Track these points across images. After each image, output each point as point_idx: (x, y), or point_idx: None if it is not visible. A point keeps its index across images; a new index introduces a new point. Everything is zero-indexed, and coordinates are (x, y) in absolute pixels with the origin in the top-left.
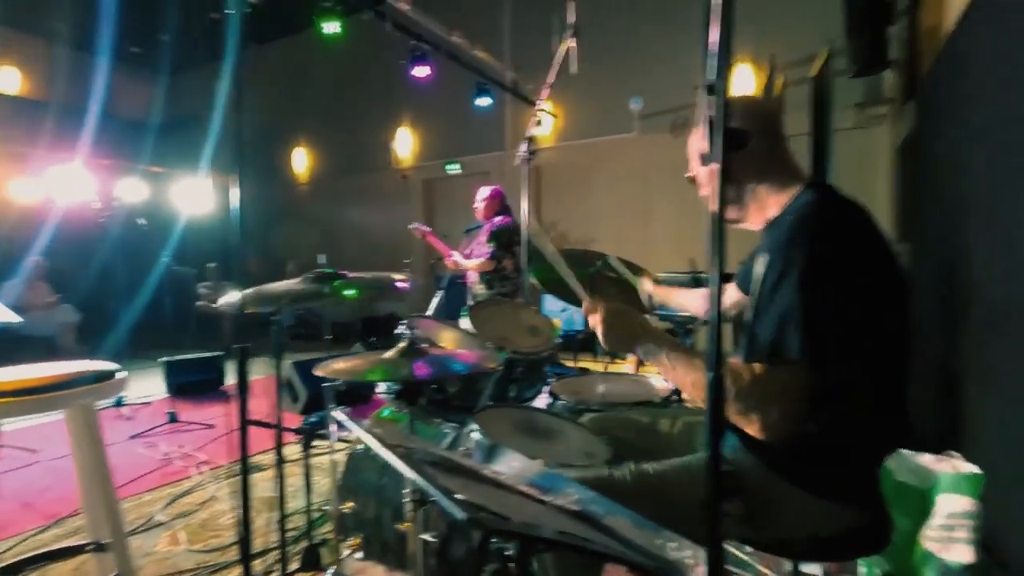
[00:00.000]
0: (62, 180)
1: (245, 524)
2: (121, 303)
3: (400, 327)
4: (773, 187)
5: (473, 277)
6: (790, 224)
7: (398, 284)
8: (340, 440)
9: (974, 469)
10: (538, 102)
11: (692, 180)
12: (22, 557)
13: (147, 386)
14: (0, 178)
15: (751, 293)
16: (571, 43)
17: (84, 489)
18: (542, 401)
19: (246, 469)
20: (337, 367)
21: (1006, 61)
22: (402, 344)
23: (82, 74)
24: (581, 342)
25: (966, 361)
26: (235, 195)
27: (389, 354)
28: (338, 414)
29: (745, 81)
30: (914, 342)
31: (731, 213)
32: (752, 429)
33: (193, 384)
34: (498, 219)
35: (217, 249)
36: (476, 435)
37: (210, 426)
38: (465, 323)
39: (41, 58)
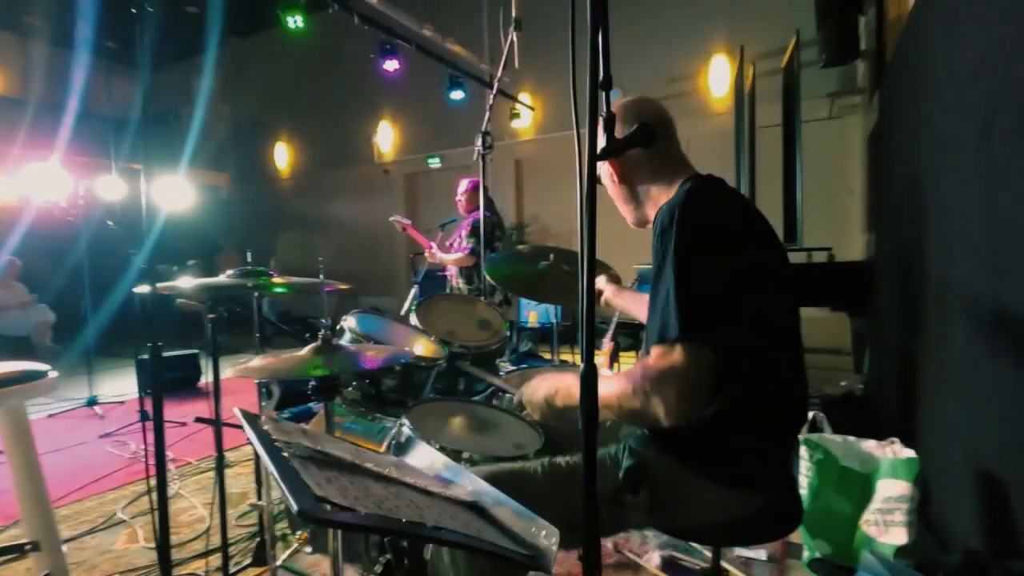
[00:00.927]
0: (38, 178)
1: (163, 534)
2: (96, 302)
3: (329, 323)
4: (663, 186)
5: (453, 271)
6: (663, 213)
7: (326, 287)
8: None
9: (911, 454)
10: (490, 94)
11: (598, 180)
12: None
13: (122, 385)
14: None
15: None
16: (514, 36)
17: (17, 489)
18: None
19: (161, 468)
20: (252, 366)
21: (951, 52)
22: (316, 342)
23: (58, 70)
24: (560, 335)
25: (917, 347)
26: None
27: (303, 352)
28: (268, 411)
29: (719, 73)
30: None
31: (633, 215)
32: (659, 419)
33: (169, 382)
34: (478, 212)
35: (196, 246)
36: (407, 429)
37: (182, 424)
38: (414, 319)
39: (17, 55)
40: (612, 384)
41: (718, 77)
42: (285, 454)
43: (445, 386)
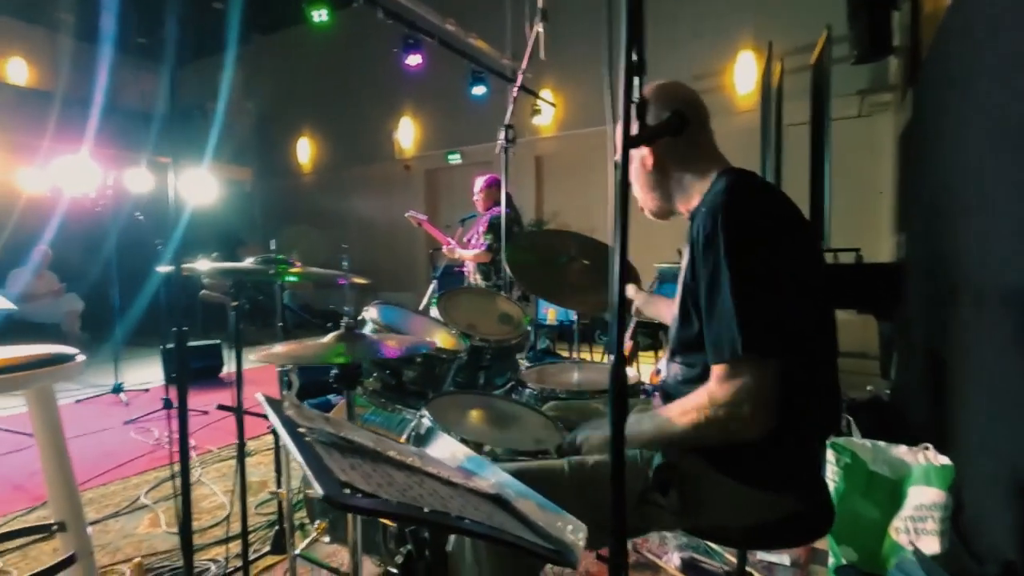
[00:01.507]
0: (68, 170)
1: (185, 519)
2: (123, 292)
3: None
4: (696, 176)
5: (471, 267)
6: (704, 217)
7: (339, 280)
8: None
9: (946, 461)
10: (513, 86)
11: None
12: None
13: (147, 373)
14: (8, 168)
15: (679, 283)
16: (539, 28)
17: (45, 470)
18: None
19: (186, 459)
20: (275, 352)
21: (992, 48)
22: (339, 330)
23: (87, 65)
24: (580, 332)
25: (950, 352)
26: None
27: (326, 339)
28: (290, 397)
29: (745, 69)
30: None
31: (657, 204)
32: (742, 437)
33: (191, 371)
34: (496, 209)
35: (219, 239)
36: (426, 421)
37: (204, 412)
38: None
39: (47, 49)
40: (683, 414)
41: (744, 73)
42: (308, 439)
43: (465, 379)
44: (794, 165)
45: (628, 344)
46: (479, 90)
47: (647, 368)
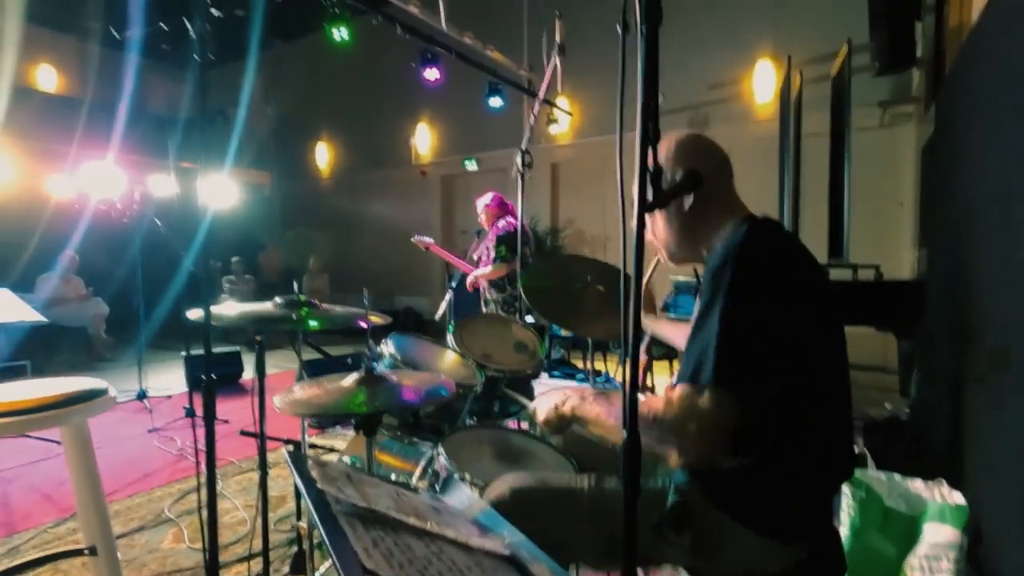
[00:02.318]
0: (94, 177)
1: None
2: (147, 297)
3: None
4: (712, 228)
5: (485, 283)
6: (719, 253)
7: (360, 323)
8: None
9: (960, 499)
10: (531, 112)
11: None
12: (16, 563)
13: (169, 379)
14: (37, 175)
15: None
16: (557, 61)
17: (78, 498)
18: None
19: (214, 478)
20: (297, 399)
21: (1021, 64)
22: (358, 373)
23: (113, 71)
24: (594, 344)
25: (971, 375)
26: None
27: (346, 383)
28: (315, 459)
29: (764, 78)
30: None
31: (674, 254)
32: (672, 456)
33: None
34: (502, 223)
35: (239, 243)
36: (443, 459)
37: (225, 421)
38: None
39: (76, 56)
40: (642, 404)
41: (763, 82)
42: (333, 511)
43: (481, 408)
44: (813, 176)
45: (643, 358)
46: (496, 102)
47: (662, 381)
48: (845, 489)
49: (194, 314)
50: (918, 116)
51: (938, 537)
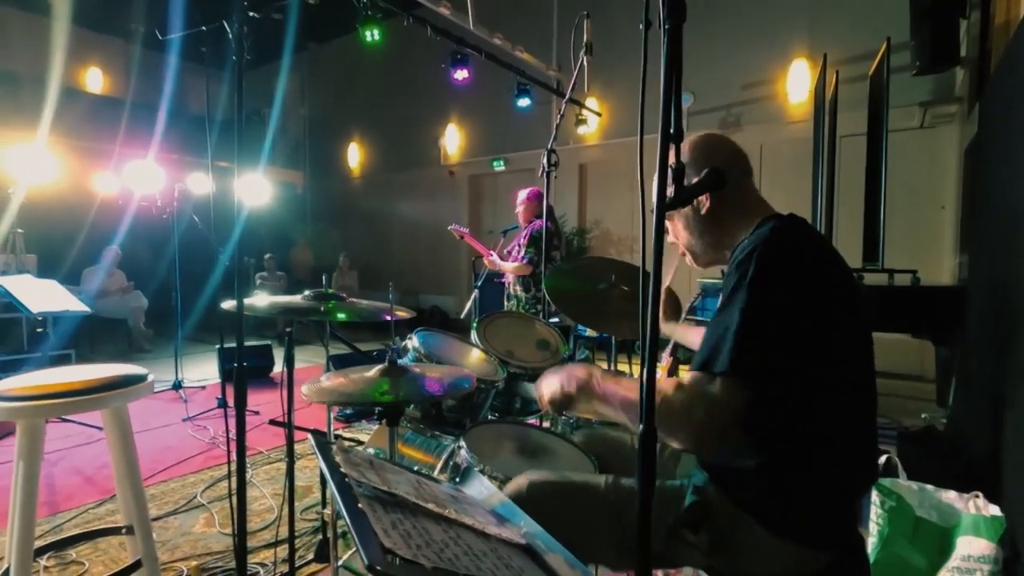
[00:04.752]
0: (137, 174)
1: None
2: (184, 290)
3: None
4: (735, 229)
5: (511, 278)
6: (744, 248)
7: (384, 316)
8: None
9: (996, 511)
10: (558, 113)
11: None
12: (61, 537)
13: (204, 370)
14: (84, 172)
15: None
16: (584, 60)
17: (117, 478)
18: None
19: (244, 466)
20: (323, 388)
21: None
22: (382, 364)
23: (155, 72)
24: (618, 344)
25: (1014, 389)
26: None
27: (371, 373)
28: (339, 444)
29: (798, 78)
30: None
31: (698, 256)
32: (677, 440)
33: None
34: (537, 222)
35: (273, 240)
36: (464, 452)
37: (255, 412)
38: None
39: (121, 58)
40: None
41: (797, 82)
42: (355, 493)
43: (502, 403)
44: (849, 178)
45: (668, 360)
46: (524, 102)
47: None
48: (874, 498)
49: (228, 304)
50: (961, 116)
51: (971, 550)
